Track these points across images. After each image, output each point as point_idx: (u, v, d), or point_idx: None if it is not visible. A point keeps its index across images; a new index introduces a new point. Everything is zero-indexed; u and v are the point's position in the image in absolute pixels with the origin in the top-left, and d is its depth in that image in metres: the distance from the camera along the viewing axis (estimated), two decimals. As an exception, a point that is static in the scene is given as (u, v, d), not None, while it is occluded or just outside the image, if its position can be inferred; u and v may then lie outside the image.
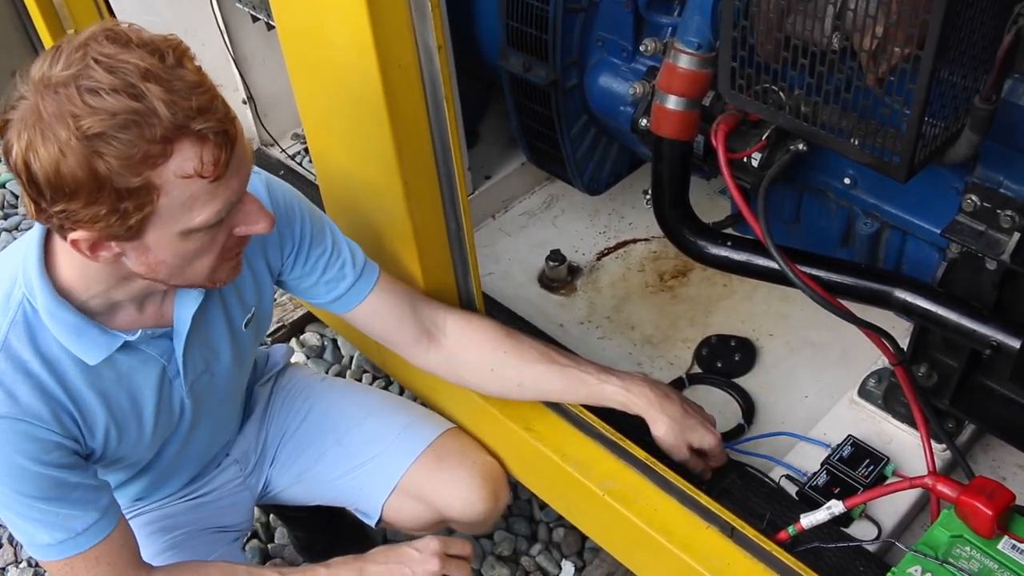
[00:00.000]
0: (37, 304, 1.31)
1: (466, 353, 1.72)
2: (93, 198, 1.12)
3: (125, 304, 1.38)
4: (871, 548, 1.58)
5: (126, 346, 1.39)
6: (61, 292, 1.32)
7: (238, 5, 2.38)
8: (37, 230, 1.33)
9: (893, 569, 1.31)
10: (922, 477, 1.41)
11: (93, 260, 1.23)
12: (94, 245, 1.20)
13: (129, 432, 1.46)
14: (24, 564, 2.33)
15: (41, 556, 1.40)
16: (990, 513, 1.29)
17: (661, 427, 1.63)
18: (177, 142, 1.12)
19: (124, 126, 1.09)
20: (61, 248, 1.30)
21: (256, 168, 1.54)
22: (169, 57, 1.14)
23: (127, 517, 1.63)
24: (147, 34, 1.16)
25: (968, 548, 1.32)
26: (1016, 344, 1.42)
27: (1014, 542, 1.30)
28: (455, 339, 1.72)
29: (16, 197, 3.48)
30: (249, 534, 2.33)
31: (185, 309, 1.43)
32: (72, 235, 1.18)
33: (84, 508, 1.38)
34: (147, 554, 1.61)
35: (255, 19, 2.43)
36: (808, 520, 1.50)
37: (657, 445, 1.66)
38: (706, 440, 1.64)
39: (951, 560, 1.30)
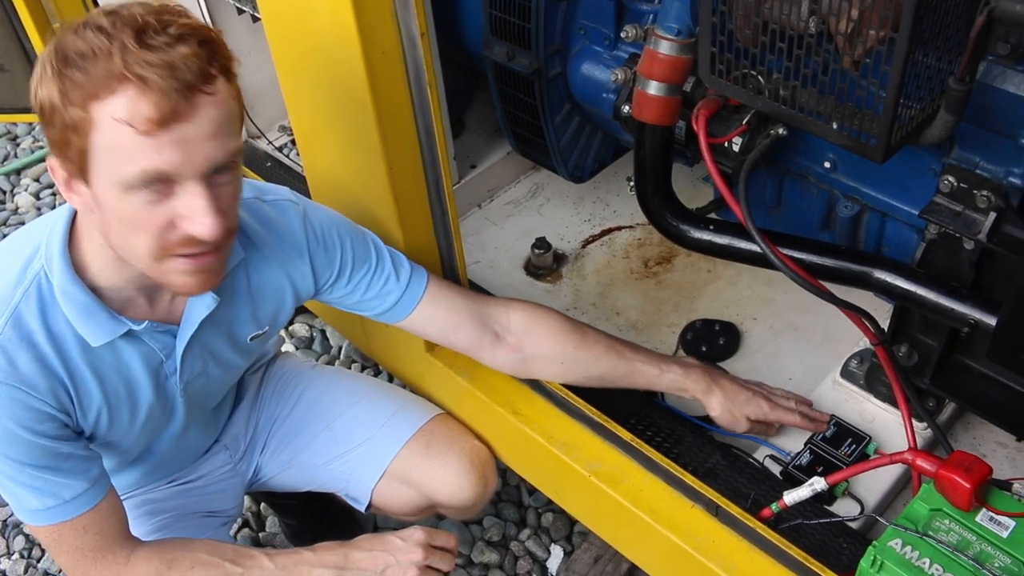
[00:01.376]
0: (53, 279, 1.33)
1: (535, 348, 1.74)
2: (52, 120, 1.18)
3: (135, 296, 1.40)
4: (854, 525, 1.60)
5: (129, 335, 1.40)
6: (78, 271, 1.34)
7: (223, -3, 2.39)
8: (67, 207, 1.36)
9: (874, 543, 1.33)
10: (902, 453, 1.43)
11: (70, 201, 1.28)
12: (68, 181, 1.25)
13: (121, 418, 1.47)
14: (16, 556, 2.34)
15: (30, 520, 1.41)
16: (968, 486, 1.31)
17: (716, 408, 1.74)
18: (123, 84, 1.14)
19: (83, 55, 1.14)
20: (85, 229, 1.33)
21: (295, 197, 1.57)
22: (173, 27, 1.17)
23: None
24: (187, 18, 1.20)
25: (947, 521, 1.34)
26: (993, 321, 1.44)
27: (992, 514, 1.32)
28: (522, 337, 1.74)
29: (3, 193, 3.47)
30: (240, 523, 2.34)
31: (196, 311, 1.45)
32: (50, 160, 1.25)
33: (74, 477, 1.40)
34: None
35: (240, 11, 2.44)
36: (791, 497, 1.52)
37: (719, 424, 1.77)
38: (761, 410, 1.75)
39: (931, 533, 1.32)
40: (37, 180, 3.50)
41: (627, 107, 1.84)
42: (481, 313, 1.71)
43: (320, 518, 2.22)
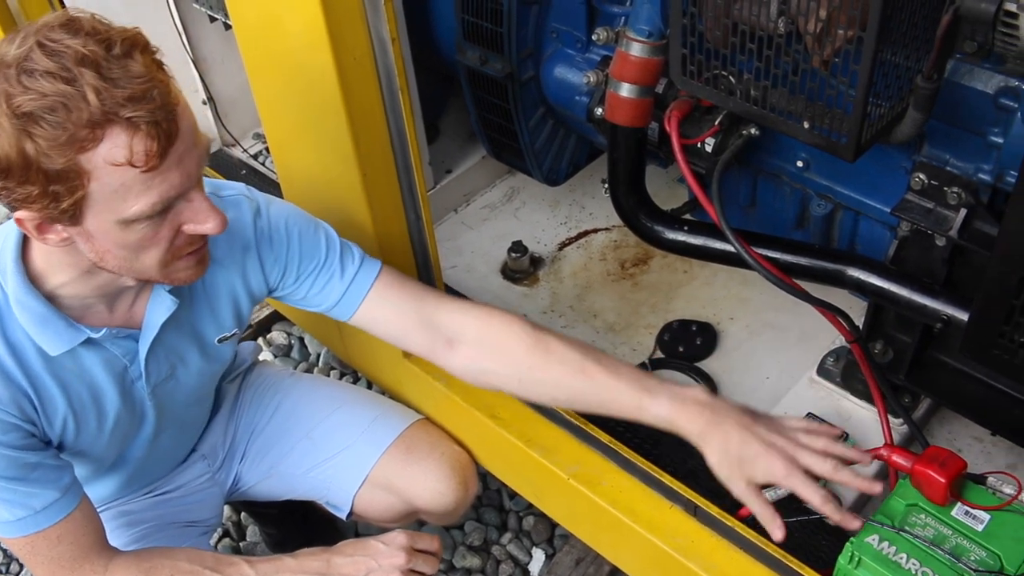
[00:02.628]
0: (7, 289, 1.32)
1: (489, 363, 1.56)
2: (24, 177, 1.13)
3: (95, 303, 1.38)
4: (832, 522, 1.61)
5: (90, 342, 1.39)
6: (33, 280, 1.32)
7: (195, 5, 2.38)
8: None
9: (852, 539, 1.34)
10: (878, 449, 1.44)
11: (42, 242, 1.24)
12: (40, 226, 1.21)
13: (88, 426, 1.46)
14: (-6, 571, 2.32)
15: (1, 533, 1.39)
16: (943, 481, 1.31)
17: (713, 456, 1.38)
18: (107, 128, 1.12)
19: (52, 108, 1.10)
20: (39, 243, 1.30)
21: (249, 192, 1.54)
22: (116, 47, 1.13)
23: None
24: (105, 25, 1.16)
25: (923, 516, 1.34)
26: (965, 317, 1.45)
27: (967, 508, 1.33)
28: (476, 348, 1.56)
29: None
30: (220, 532, 2.33)
31: (156, 315, 1.43)
32: (16, 214, 1.20)
33: (44, 487, 1.38)
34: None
35: (212, 19, 2.43)
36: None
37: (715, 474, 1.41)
38: (770, 473, 1.33)
39: (907, 528, 1.33)
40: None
41: (600, 109, 1.85)
42: (431, 319, 1.58)
43: (301, 527, 2.21)
